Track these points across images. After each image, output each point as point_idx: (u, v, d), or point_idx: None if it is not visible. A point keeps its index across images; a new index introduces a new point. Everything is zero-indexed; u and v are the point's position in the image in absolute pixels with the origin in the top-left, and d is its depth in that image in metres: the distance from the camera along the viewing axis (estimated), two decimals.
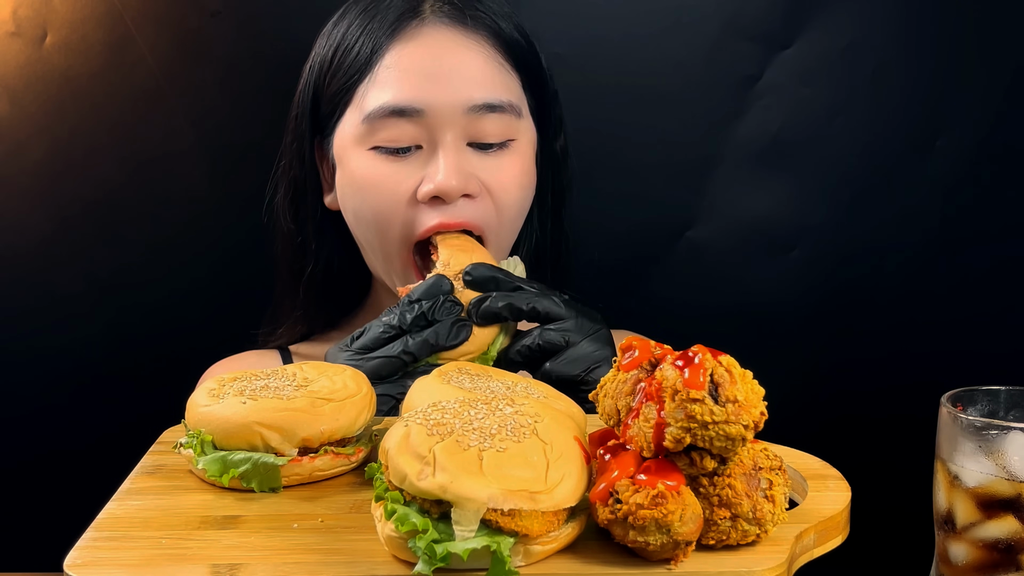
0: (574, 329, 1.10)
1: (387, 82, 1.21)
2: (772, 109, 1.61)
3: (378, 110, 1.21)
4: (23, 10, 1.56)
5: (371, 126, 1.22)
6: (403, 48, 1.22)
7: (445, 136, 1.21)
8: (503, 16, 1.28)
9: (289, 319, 1.40)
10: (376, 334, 1.09)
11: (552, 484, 0.73)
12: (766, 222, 1.64)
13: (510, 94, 1.25)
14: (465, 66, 1.22)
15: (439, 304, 1.09)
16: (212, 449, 0.89)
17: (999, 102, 1.60)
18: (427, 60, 1.22)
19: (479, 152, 1.23)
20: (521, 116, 1.26)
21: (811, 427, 1.36)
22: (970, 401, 0.92)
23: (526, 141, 1.28)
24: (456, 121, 1.21)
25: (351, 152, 1.25)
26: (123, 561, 0.76)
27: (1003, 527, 0.85)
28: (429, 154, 1.22)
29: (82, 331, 1.63)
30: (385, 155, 1.22)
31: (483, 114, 1.21)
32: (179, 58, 1.59)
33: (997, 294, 1.64)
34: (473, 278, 1.12)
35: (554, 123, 1.36)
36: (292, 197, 1.34)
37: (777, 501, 0.76)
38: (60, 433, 1.65)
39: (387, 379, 1.08)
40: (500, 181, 1.24)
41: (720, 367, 0.73)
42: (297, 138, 1.32)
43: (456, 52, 1.23)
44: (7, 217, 1.61)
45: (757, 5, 1.59)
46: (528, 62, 1.29)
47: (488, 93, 1.22)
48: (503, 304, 1.10)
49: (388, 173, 1.22)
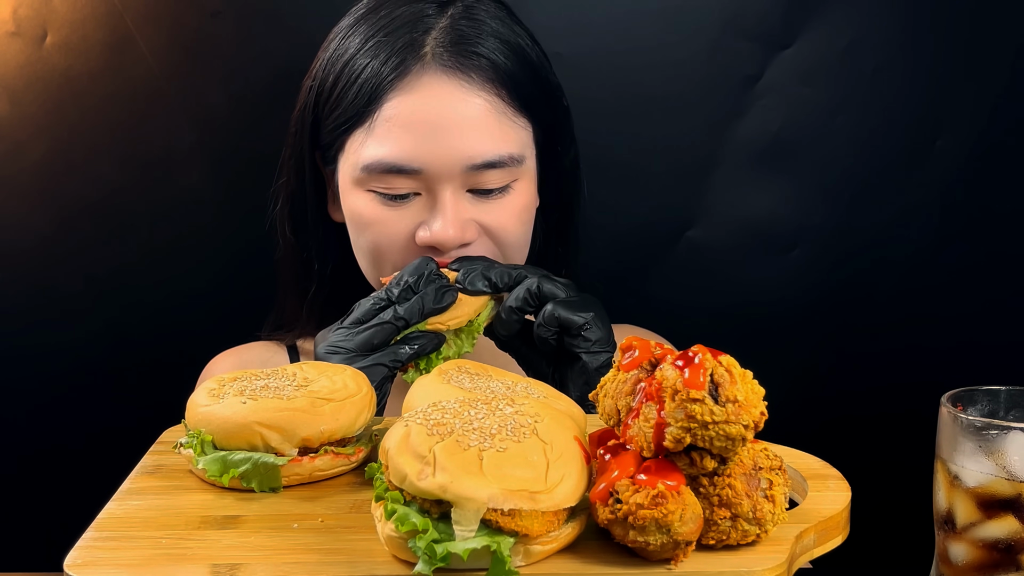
0: (569, 287, 1.15)
1: (385, 136, 1.19)
2: (772, 109, 1.61)
3: (375, 164, 1.19)
4: (23, 10, 1.56)
5: (369, 175, 1.21)
6: (403, 100, 1.19)
7: (444, 190, 1.20)
8: (506, 50, 1.23)
9: (295, 326, 1.41)
10: (367, 307, 1.12)
11: (552, 484, 0.73)
12: (766, 222, 1.64)
13: (510, 146, 1.22)
14: (465, 124, 1.19)
15: (425, 276, 1.12)
16: (212, 449, 0.89)
17: (998, 102, 1.60)
18: (425, 116, 1.19)
19: (479, 198, 1.22)
20: (523, 162, 1.24)
21: (811, 427, 1.36)
22: (970, 401, 0.92)
23: (527, 179, 1.26)
24: (455, 176, 1.19)
25: (350, 187, 1.24)
26: (123, 561, 0.76)
27: (1003, 527, 0.85)
28: (428, 200, 1.21)
29: (82, 331, 1.63)
30: (383, 199, 1.22)
31: (482, 171, 1.20)
32: (179, 58, 1.59)
33: (996, 293, 1.64)
34: (460, 263, 1.16)
35: (564, 139, 1.33)
36: (291, 211, 1.34)
37: (777, 501, 0.76)
38: (60, 432, 1.65)
39: (379, 348, 1.10)
40: (500, 223, 1.23)
41: (720, 367, 0.73)
42: (295, 154, 1.31)
43: (456, 108, 1.19)
44: (7, 217, 1.61)
45: (757, 5, 1.59)
46: (534, 96, 1.26)
47: (488, 150, 1.19)
48: (491, 272, 1.14)
49: (386, 217, 1.22)
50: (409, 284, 1.12)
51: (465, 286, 1.14)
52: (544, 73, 1.29)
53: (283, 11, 1.59)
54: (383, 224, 1.22)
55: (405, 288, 1.12)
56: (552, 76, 1.30)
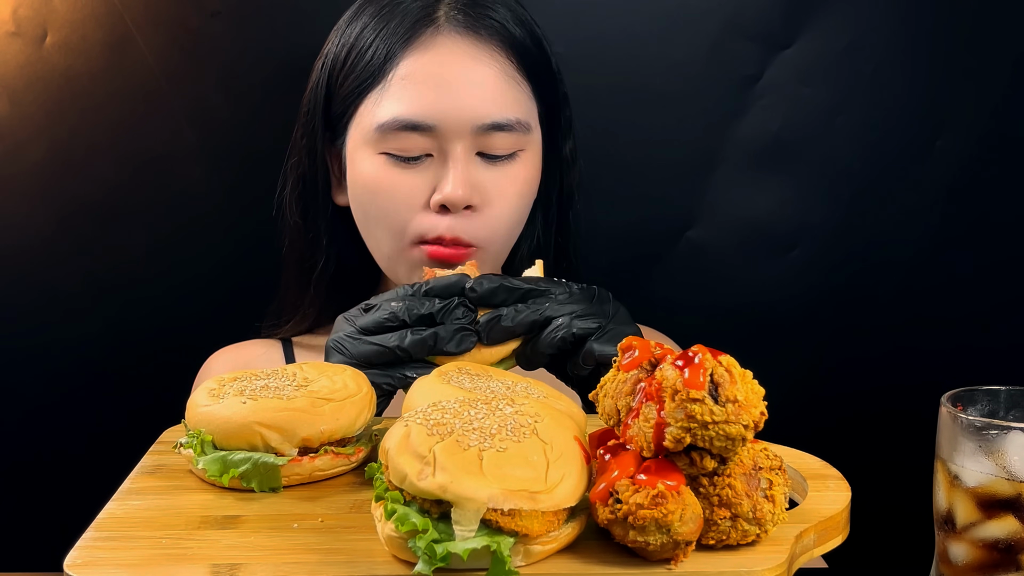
0: (600, 314, 1.06)
1: (400, 94, 1.22)
2: (772, 109, 1.61)
3: (391, 122, 1.22)
4: (23, 10, 1.56)
5: (383, 135, 1.23)
6: (417, 59, 1.23)
7: (455, 148, 1.22)
8: (516, 20, 1.28)
9: (296, 313, 1.40)
10: (379, 319, 1.04)
11: (552, 484, 0.73)
12: (766, 222, 1.64)
13: (519, 111, 1.25)
14: (478, 83, 1.23)
15: (451, 307, 1.03)
16: (212, 449, 0.89)
17: (998, 102, 1.60)
18: (440, 74, 1.22)
19: (486, 163, 1.24)
20: (530, 130, 1.27)
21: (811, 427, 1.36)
22: (970, 401, 0.92)
23: (533, 152, 1.29)
24: (466, 136, 1.22)
25: (361, 153, 1.25)
26: (123, 561, 0.76)
27: (1003, 527, 0.85)
28: (439, 163, 1.23)
29: (82, 331, 1.63)
30: (395, 161, 1.23)
31: (492, 132, 1.23)
32: (179, 58, 1.59)
33: (997, 293, 1.64)
34: (478, 294, 1.04)
35: (563, 126, 1.36)
36: (300, 192, 1.34)
37: (777, 501, 0.76)
38: (60, 433, 1.65)
39: (377, 367, 1.04)
40: (502, 192, 1.25)
41: (720, 367, 0.73)
42: (308, 134, 1.32)
43: (469, 67, 1.23)
44: (7, 217, 1.60)
45: (757, 5, 1.59)
46: (539, 69, 1.30)
47: (499, 112, 1.23)
48: (516, 321, 1.03)
49: (399, 180, 1.23)
50: (431, 311, 1.03)
51: (485, 340, 1.04)
52: (548, 52, 1.32)
53: (283, 11, 1.59)
54: (395, 187, 1.23)
55: (426, 314, 1.03)
56: (554, 59, 1.33)
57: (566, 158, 1.37)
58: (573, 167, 1.39)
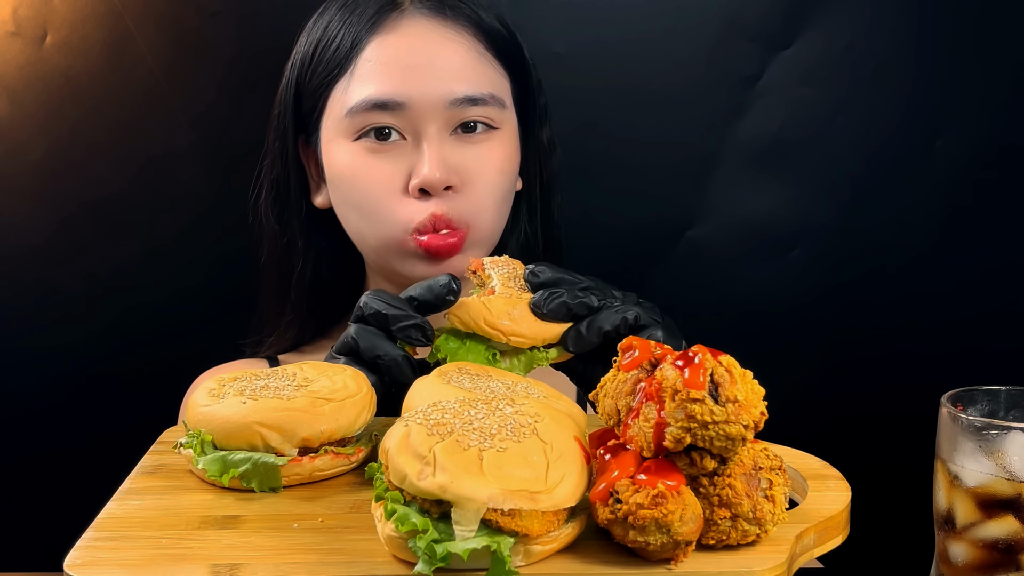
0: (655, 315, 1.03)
1: (368, 76, 1.21)
2: (772, 109, 1.61)
3: (360, 103, 1.20)
4: (23, 10, 1.56)
5: (353, 120, 1.21)
6: (383, 41, 1.22)
7: (429, 129, 1.21)
8: (483, 7, 1.27)
9: (278, 326, 1.38)
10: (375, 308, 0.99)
11: (552, 484, 0.73)
12: (766, 222, 1.64)
13: (492, 86, 1.24)
14: (446, 58, 1.22)
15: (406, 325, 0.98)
16: (212, 449, 0.89)
17: (999, 102, 1.60)
18: (407, 52, 1.21)
19: (462, 142, 1.23)
20: (504, 107, 1.26)
21: (811, 427, 1.36)
22: (970, 401, 0.92)
23: (509, 131, 1.28)
24: (438, 114, 1.21)
25: (336, 145, 1.24)
26: (123, 561, 0.76)
27: (1003, 527, 0.85)
28: (413, 146, 1.22)
29: (82, 331, 1.64)
30: (370, 145, 1.22)
31: (465, 107, 1.21)
32: (179, 58, 1.59)
33: (997, 294, 1.64)
34: (541, 280, 1.00)
35: (539, 113, 1.35)
36: (275, 196, 1.33)
37: (777, 501, 0.76)
38: (60, 433, 1.65)
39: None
40: (482, 169, 1.23)
41: (720, 367, 0.73)
42: (280, 136, 1.31)
43: (437, 44, 1.22)
44: (7, 217, 1.61)
45: (757, 5, 1.59)
46: (511, 52, 1.29)
47: (470, 86, 1.22)
48: (576, 300, 0.99)
49: (375, 165, 1.22)
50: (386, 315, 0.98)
51: (544, 311, 0.99)
52: (517, 40, 1.31)
53: (283, 11, 1.58)
54: (372, 172, 1.22)
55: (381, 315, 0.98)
56: (524, 49, 1.32)
57: (544, 147, 1.36)
58: (552, 155, 1.38)
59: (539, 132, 1.35)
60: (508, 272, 1.05)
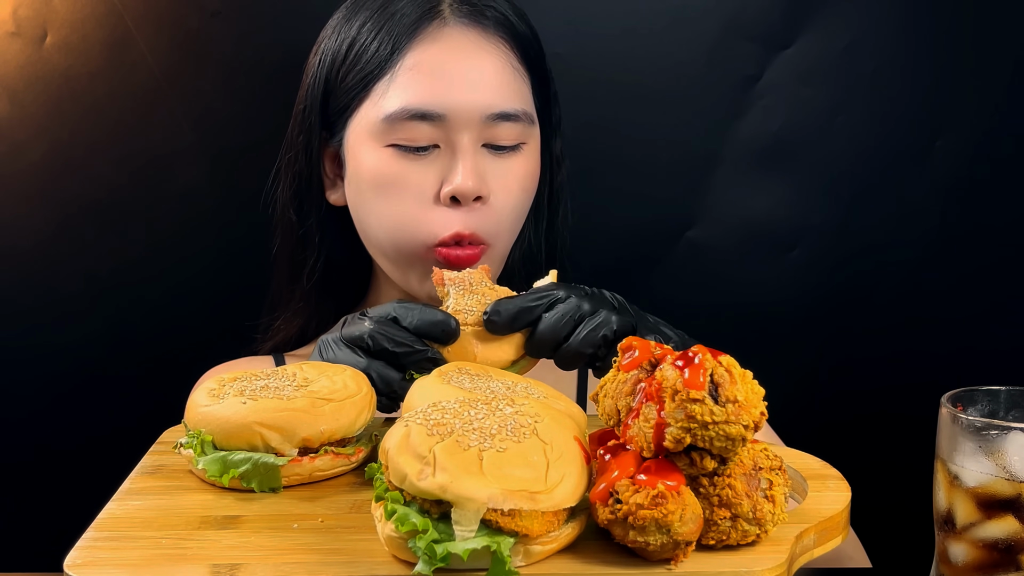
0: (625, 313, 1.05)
1: (408, 84, 1.21)
2: (772, 109, 1.61)
3: (400, 112, 1.21)
4: (23, 10, 1.56)
5: (390, 125, 1.22)
6: (425, 49, 1.22)
7: (463, 139, 1.22)
8: (516, 13, 1.29)
9: (287, 312, 1.40)
10: (354, 335, 1.01)
11: (552, 484, 0.73)
12: (766, 222, 1.64)
13: (524, 102, 1.26)
14: (485, 72, 1.23)
15: (416, 358, 1.00)
16: (212, 449, 0.89)
17: (999, 102, 1.60)
18: (448, 64, 1.22)
19: (492, 154, 1.24)
20: (533, 123, 1.28)
21: (811, 427, 1.36)
22: (970, 401, 0.92)
23: (534, 145, 1.30)
24: (474, 126, 1.22)
25: (366, 147, 1.24)
26: (123, 561, 0.76)
27: (1003, 527, 0.85)
28: (447, 155, 1.22)
29: (82, 330, 1.63)
30: (403, 153, 1.22)
31: (499, 122, 1.23)
32: (179, 58, 1.58)
33: (997, 294, 1.64)
34: (500, 321, 1.01)
35: (554, 124, 1.36)
36: (296, 190, 1.33)
37: (777, 501, 0.76)
38: (60, 433, 1.65)
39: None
40: (506, 185, 1.25)
41: (720, 367, 0.73)
42: (304, 131, 1.31)
43: (477, 56, 1.23)
44: (7, 217, 1.60)
45: (757, 5, 1.59)
46: (538, 63, 1.31)
47: (505, 102, 1.23)
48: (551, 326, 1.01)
49: (407, 171, 1.22)
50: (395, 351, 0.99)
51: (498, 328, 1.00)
52: (542, 51, 1.33)
53: (283, 11, 1.59)
54: (404, 179, 1.22)
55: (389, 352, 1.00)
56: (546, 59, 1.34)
57: (556, 157, 1.38)
58: (561, 167, 1.39)
59: (553, 143, 1.36)
60: (465, 288, 1.06)
